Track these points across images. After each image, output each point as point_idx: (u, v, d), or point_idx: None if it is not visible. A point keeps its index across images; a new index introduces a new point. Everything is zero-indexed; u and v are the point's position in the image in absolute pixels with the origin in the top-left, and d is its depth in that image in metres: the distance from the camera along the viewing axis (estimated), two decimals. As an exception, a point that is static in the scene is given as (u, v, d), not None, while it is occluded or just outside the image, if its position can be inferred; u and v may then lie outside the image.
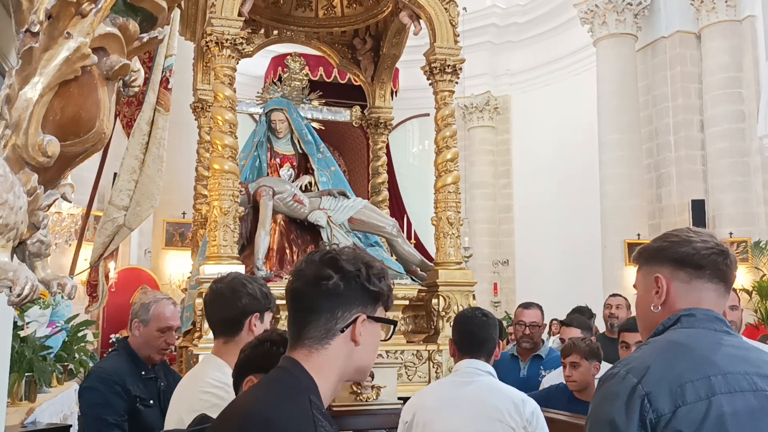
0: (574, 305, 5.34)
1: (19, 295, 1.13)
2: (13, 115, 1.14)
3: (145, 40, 1.38)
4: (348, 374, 1.47)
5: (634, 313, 5.27)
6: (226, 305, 2.36)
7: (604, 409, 1.53)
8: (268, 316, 2.44)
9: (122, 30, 1.31)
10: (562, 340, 4.72)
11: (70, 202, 1.37)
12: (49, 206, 1.39)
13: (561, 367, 3.91)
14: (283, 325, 4.36)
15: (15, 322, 4.13)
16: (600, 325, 6.39)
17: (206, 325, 4.17)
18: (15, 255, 1.29)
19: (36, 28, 1.12)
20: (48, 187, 1.34)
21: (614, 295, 5.98)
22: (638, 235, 12.14)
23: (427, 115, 13.99)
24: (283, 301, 4.55)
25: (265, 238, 4.79)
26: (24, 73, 1.14)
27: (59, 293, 1.41)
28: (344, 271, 1.43)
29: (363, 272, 1.44)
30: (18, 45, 1.15)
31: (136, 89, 1.43)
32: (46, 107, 1.19)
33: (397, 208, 12.49)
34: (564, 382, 3.89)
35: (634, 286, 1.78)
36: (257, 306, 2.39)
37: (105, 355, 3.16)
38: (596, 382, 1.74)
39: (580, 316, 4.85)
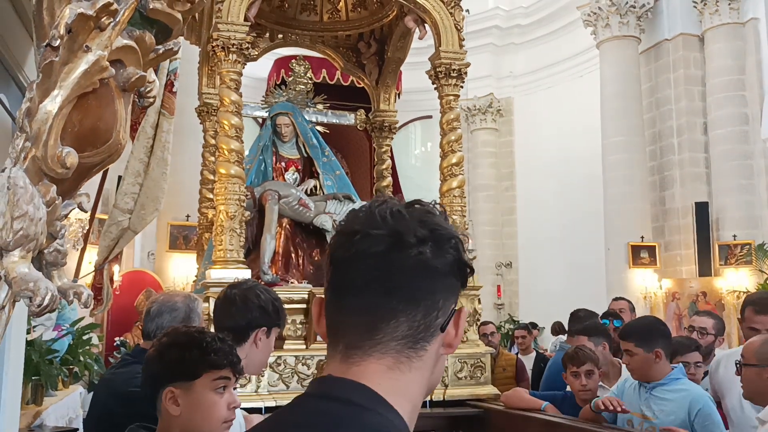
0: (578, 307, 5.34)
1: (39, 305, 1.14)
2: (33, 127, 1.16)
3: (160, 51, 1.39)
4: (421, 398, 0.97)
5: (638, 315, 5.28)
6: (236, 313, 2.34)
7: None
8: (274, 333, 2.40)
9: (139, 42, 1.32)
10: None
11: (86, 211, 1.38)
12: (66, 216, 1.41)
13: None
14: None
15: (22, 326, 4.15)
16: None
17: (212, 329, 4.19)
18: (32, 264, 1.31)
19: (56, 43, 1.13)
20: (65, 198, 1.36)
21: (617, 299, 6.00)
22: (642, 237, 12.14)
23: (430, 117, 14.00)
24: (289, 305, 4.50)
25: (270, 242, 4.81)
26: (44, 86, 1.16)
27: (76, 301, 1.42)
28: (443, 235, 0.94)
29: (459, 241, 0.96)
30: (37, 59, 1.17)
31: (151, 100, 1.45)
32: (65, 119, 1.20)
33: (401, 211, 12.47)
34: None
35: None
36: (266, 320, 2.36)
37: (118, 361, 2.98)
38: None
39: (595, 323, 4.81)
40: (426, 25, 5.16)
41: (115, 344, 9.30)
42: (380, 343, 0.90)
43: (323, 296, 0.99)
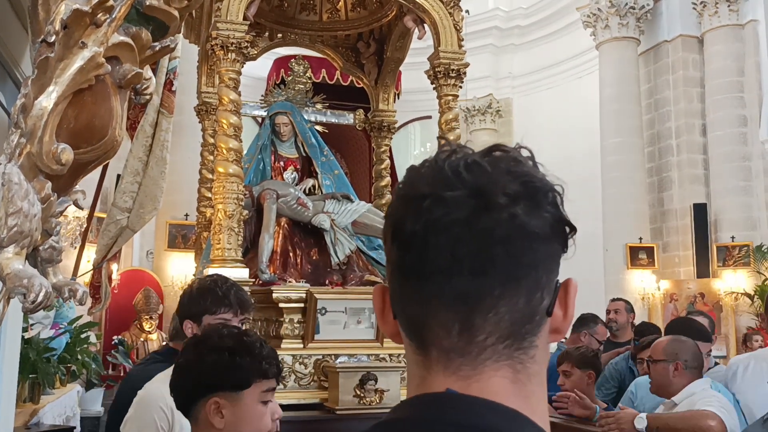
0: (576, 310, 5.34)
1: (33, 302, 1.14)
2: (28, 123, 1.16)
3: (157, 48, 1.39)
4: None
5: (637, 316, 5.30)
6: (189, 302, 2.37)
7: None
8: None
9: (135, 39, 1.32)
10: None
11: (82, 209, 1.38)
12: (61, 213, 1.41)
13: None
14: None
15: (19, 324, 4.14)
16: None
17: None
18: (27, 261, 1.31)
19: (52, 39, 1.13)
20: (60, 194, 1.36)
21: (614, 299, 6.02)
22: (640, 239, 12.15)
23: (429, 117, 13.99)
24: (287, 305, 4.51)
25: (268, 242, 4.80)
26: (39, 82, 1.16)
27: (71, 299, 1.42)
28: (539, 188, 0.75)
29: (557, 194, 0.77)
30: (33, 55, 1.17)
31: (148, 97, 1.45)
32: (60, 116, 1.20)
33: (399, 211, 12.48)
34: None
35: None
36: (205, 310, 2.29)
37: (146, 358, 3.00)
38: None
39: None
40: (425, 25, 5.16)
41: (113, 343, 9.29)
42: (487, 348, 0.70)
43: (384, 284, 0.79)
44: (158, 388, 2.18)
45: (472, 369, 0.71)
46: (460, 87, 5.04)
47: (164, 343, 5.20)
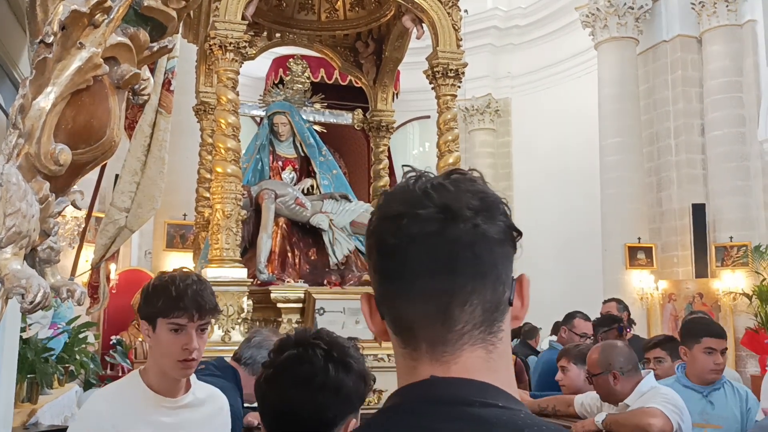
0: (575, 309, 5.35)
1: (31, 303, 1.14)
2: (26, 124, 1.16)
3: (155, 49, 1.39)
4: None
5: (634, 316, 5.30)
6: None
7: None
8: (160, 323, 2.01)
9: (133, 40, 1.32)
10: None
11: (80, 209, 1.38)
12: (60, 213, 1.41)
13: None
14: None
15: (17, 324, 4.14)
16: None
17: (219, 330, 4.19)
18: (25, 261, 1.31)
19: (50, 39, 1.13)
20: (58, 195, 1.35)
21: (606, 300, 6.05)
22: (639, 239, 12.16)
23: (428, 117, 14.00)
24: (285, 305, 4.51)
25: (267, 242, 4.80)
26: (38, 82, 1.16)
27: (68, 299, 1.42)
28: (493, 202, 0.88)
29: (506, 205, 0.92)
30: (31, 55, 1.17)
31: (146, 97, 1.45)
32: (58, 116, 1.20)
33: (398, 211, 12.48)
34: None
35: None
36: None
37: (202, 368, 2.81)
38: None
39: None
40: (423, 24, 5.16)
41: (111, 343, 9.29)
42: (465, 334, 0.85)
43: (369, 293, 0.93)
44: (102, 402, 2.06)
45: (451, 354, 0.85)
46: (459, 87, 5.04)
47: None
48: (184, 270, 2.18)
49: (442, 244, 0.83)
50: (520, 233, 0.91)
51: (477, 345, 0.85)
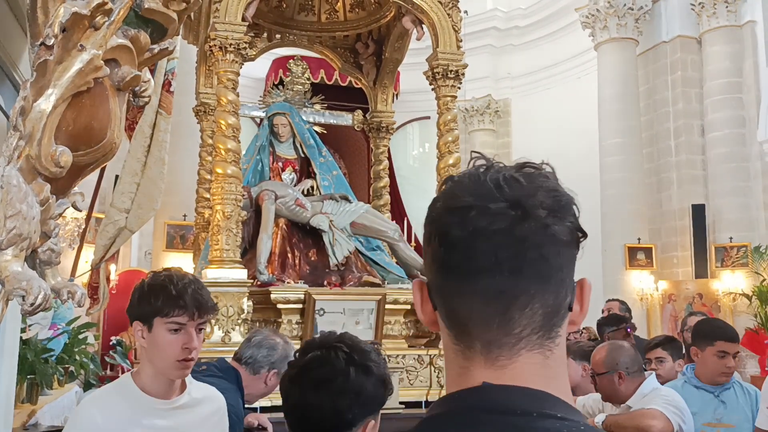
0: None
1: (32, 304, 1.14)
2: (27, 126, 1.16)
3: (155, 51, 1.39)
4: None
5: (634, 316, 5.31)
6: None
7: None
8: (157, 323, 1.98)
9: (134, 42, 1.32)
10: None
11: (80, 211, 1.38)
12: (60, 215, 1.41)
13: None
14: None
15: (17, 325, 4.14)
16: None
17: (220, 331, 4.19)
18: (26, 263, 1.31)
19: (51, 41, 1.13)
20: (59, 197, 1.36)
21: (608, 300, 6.05)
22: (639, 239, 12.16)
23: (428, 117, 14.00)
24: (285, 305, 4.50)
25: (267, 242, 4.80)
26: (38, 85, 1.16)
27: (69, 301, 1.42)
28: (565, 201, 0.84)
29: (576, 206, 0.87)
30: (32, 57, 1.17)
31: (146, 99, 1.45)
32: (59, 118, 1.20)
33: (398, 211, 12.51)
34: None
35: None
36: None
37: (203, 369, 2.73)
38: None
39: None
40: (424, 26, 5.17)
41: (111, 344, 9.29)
42: (523, 339, 0.81)
43: (421, 279, 0.89)
44: (91, 408, 2.00)
45: (508, 359, 0.81)
46: (459, 87, 5.05)
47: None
48: (177, 269, 2.16)
49: (509, 242, 0.79)
50: (585, 235, 0.85)
51: (534, 350, 0.81)
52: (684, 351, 4.59)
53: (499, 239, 0.79)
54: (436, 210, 0.85)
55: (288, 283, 4.60)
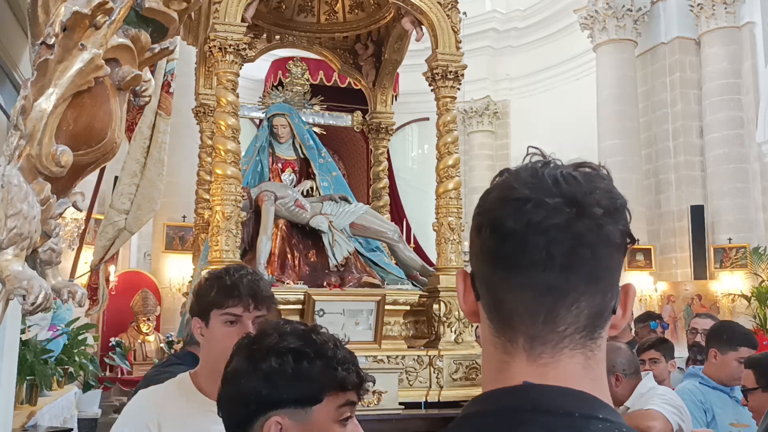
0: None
1: (33, 304, 1.14)
2: (27, 125, 1.16)
3: (156, 50, 1.40)
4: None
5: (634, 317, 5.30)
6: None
7: None
8: (214, 316, 1.86)
9: (134, 41, 1.33)
10: None
11: (81, 210, 1.38)
12: (61, 215, 1.41)
13: None
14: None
15: (17, 326, 4.14)
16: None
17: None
18: (26, 263, 1.31)
19: (51, 41, 1.13)
20: (60, 196, 1.36)
21: None
22: (637, 240, 12.12)
23: (427, 119, 14.02)
24: (285, 306, 4.49)
25: (266, 243, 4.80)
26: (39, 84, 1.16)
27: (69, 301, 1.42)
28: (619, 203, 0.86)
29: (628, 210, 0.88)
30: (33, 57, 1.17)
31: (147, 99, 1.45)
32: (59, 118, 1.20)
33: (397, 212, 12.51)
34: None
35: None
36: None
37: (163, 360, 2.64)
38: None
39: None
40: (423, 27, 5.17)
41: (110, 344, 9.29)
42: (566, 337, 0.80)
43: (465, 269, 0.89)
44: (147, 399, 1.93)
45: (551, 357, 0.80)
46: (458, 89, 5.04)
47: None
48: (237, 263, 2.03)
49: (564, 237, 0.78)
50: (633, 241, 0.88)
51: (577, 350, 0.81)
52: (689, 352, 4.65)
53: (554, 234, 0.78)
54: (489, 200, 0.85)
55: (287, 283, 4.59)
